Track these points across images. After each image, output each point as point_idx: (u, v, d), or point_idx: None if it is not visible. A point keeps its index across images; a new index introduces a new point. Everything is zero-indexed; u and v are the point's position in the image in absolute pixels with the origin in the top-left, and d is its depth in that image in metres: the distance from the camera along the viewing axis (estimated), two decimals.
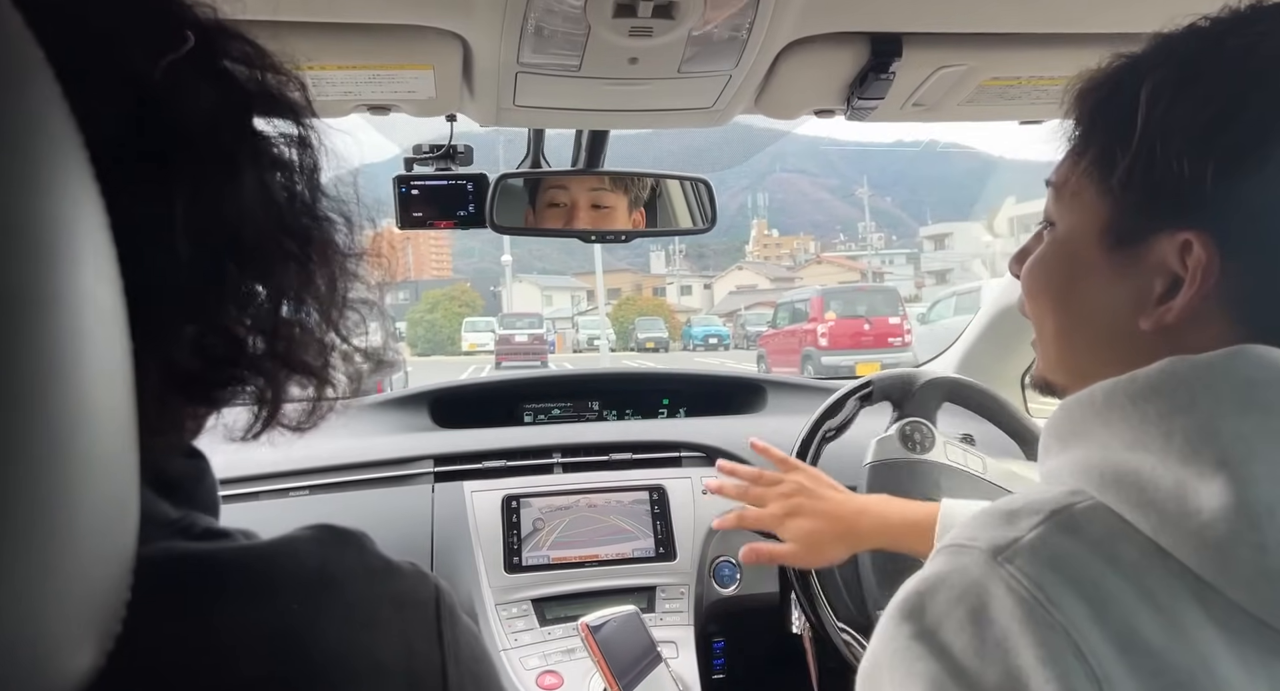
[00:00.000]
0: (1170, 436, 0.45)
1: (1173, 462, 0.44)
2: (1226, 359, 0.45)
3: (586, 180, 1.38)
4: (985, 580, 0.44)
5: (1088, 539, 0.45)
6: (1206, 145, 0.46)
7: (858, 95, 1.03)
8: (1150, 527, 0.44)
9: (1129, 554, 0.44)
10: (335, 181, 0.48)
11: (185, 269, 0.38)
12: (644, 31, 0.86)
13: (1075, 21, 0.93)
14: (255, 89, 0.44)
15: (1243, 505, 0.41)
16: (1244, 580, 0.41)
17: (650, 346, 31.29)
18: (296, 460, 1.46)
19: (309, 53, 0.91)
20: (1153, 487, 0.44)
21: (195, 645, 0.36)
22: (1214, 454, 0.43)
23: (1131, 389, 0.48)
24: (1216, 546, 0.41)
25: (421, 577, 0.44)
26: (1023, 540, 0.45)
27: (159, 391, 0.31)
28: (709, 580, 1.47)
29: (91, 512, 0.27)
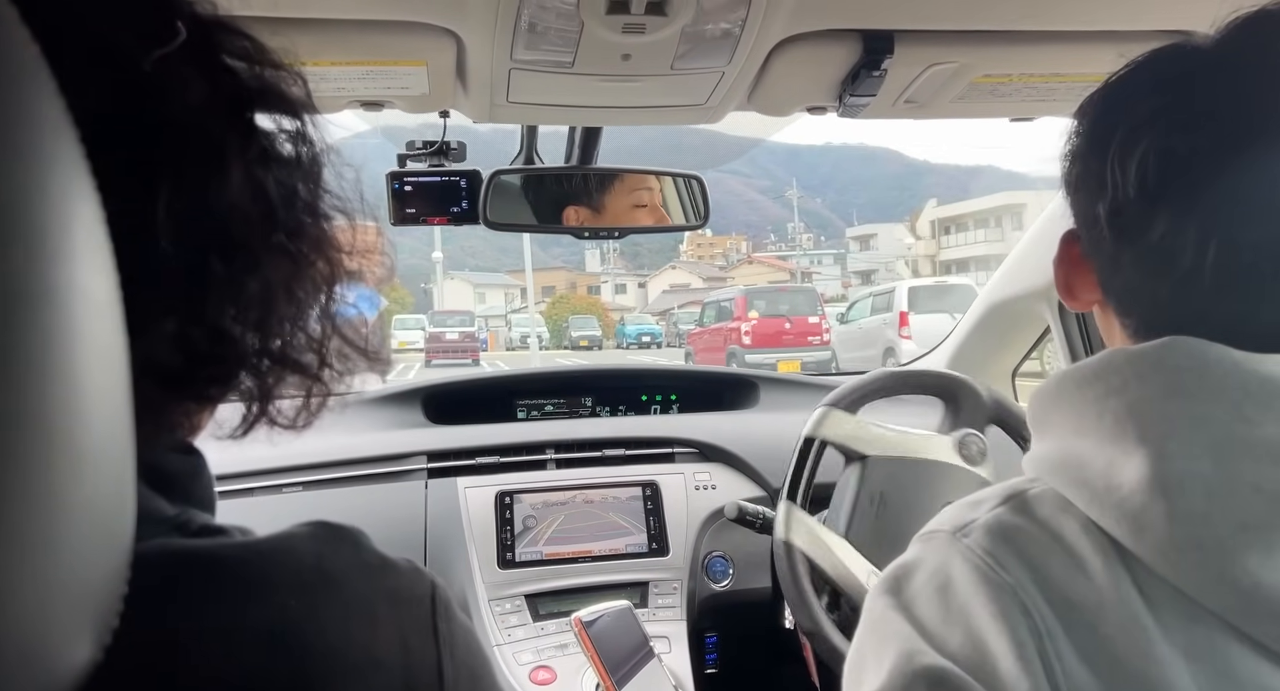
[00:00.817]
0: (1102, 417, 0.49)
1: (1104, 442, 0.48)
2: (1158, 349, 0.48)
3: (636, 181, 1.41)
4: (948, 556, 0.50)
5: (1035, 517, 0.50)
6: (1121, 159, 0.52)
7: (850, 92, 1.04)
8: (1083, 502, 0.48)
9: (1068, 527, 0.48)
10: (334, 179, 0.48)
11: (167, 262, 0.38)
12: (637, 28, 0.86)
13: (1066, 19, 0.94)
14: (255, 85, 0.44)
15: (1157, 477, 0.44)
16: (1158, 547, 0.44)
17: (584, 345, 31.07)
18: (290, 456, 1.46)
19: (303, 48, 0.90)
20: (1088, 467, 0.48)
21: (192, 641, 0.36)
22: (1137, 432, 0.46)
23: (1077, 376, 0.52)
24: (1134, 517, 0.45)
25: (417, 574, 0.44)
26: (979, 519, 0.51)
27: (141, 380, 0.31)
28: (702, 575, 1.48)
29: (88, 506, 0.27)
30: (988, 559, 0.48)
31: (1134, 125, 0.51)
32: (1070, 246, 0.58)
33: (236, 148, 0.42)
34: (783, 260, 61.19)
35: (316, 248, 0.47)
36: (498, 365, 7.73)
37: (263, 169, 0.44)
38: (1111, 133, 0.52)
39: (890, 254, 55.68)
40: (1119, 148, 0.51)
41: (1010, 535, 0.49)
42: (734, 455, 1.60)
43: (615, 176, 1.40)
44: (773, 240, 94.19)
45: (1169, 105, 0.50)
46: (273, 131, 0.46)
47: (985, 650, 0.45)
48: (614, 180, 1.41)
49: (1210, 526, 0.43)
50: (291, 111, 0.46)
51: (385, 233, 0.54)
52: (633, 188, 1.41)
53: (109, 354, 0.29)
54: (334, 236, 0.48)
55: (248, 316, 0.43)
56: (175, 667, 0.36)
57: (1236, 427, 0.45)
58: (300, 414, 0.49)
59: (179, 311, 0.40)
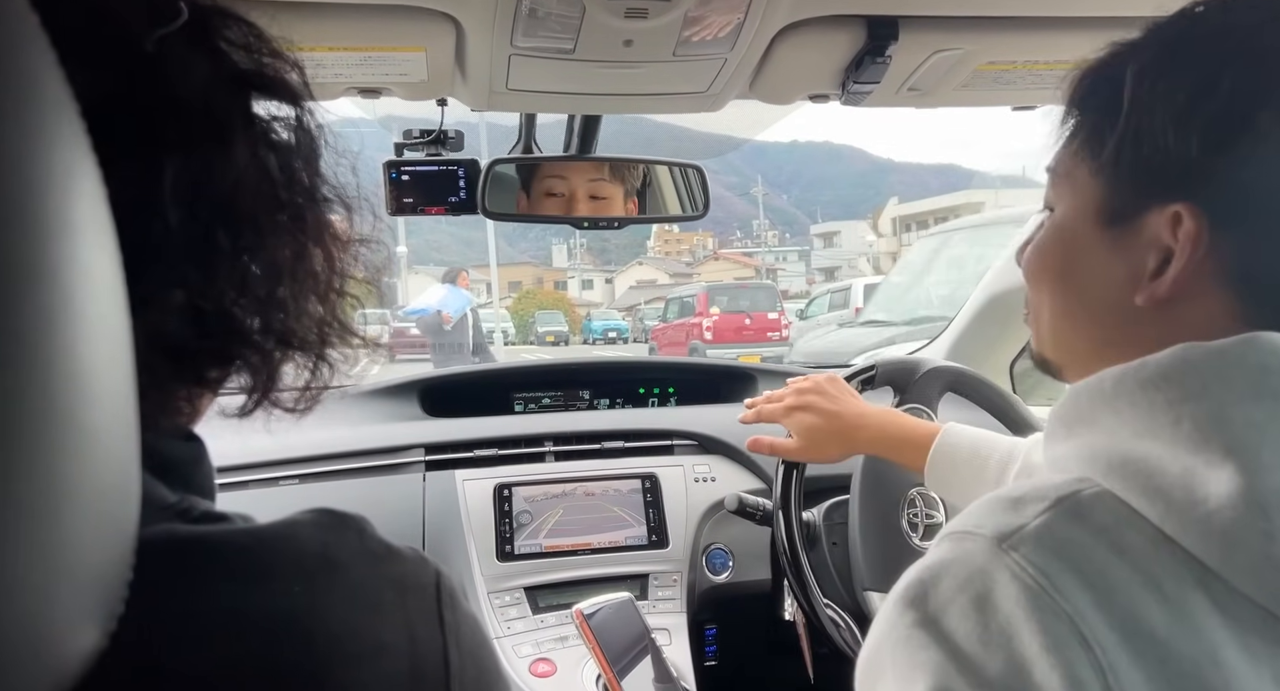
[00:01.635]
0: (1179, 423, 0.44)
1: (1181, 450, 0.44)
2: (1239, 346, 0.45)
3: (585, 170, 1.37)
4: (990, 567, 0.44)
5: (1093, 526, 0.44)
6: (1189, 118, 0.47)
7: (853, 79, 1.03)
8: (1157, 515, 0.43)
9: (1135, 541, 0.43)
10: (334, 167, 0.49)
11: (174, 235, 0.38)
12: (639, 13, 0.85)
13: (1072, 5, 0.93)
14: (253, 72, 0.45)
15: (1251, 492, 0.41)
16: (1250, 568, 0.41)
17: (550, 340, 30.96)
18: (286, 449, 1.45)
19: (301, 33, 0.89)
20: (1160, 474, 0.44)
21: (196, 628, 0.36)
22: (1224, 441, 0.42)
23: (1141, 375, 0.47)
24: (1223, 534, 0.41)
25: (422, 562, 0.44)
26: (1028, 527, 0.45)
27: (145, 357, 0.31)
28: (701, 567, 1.47)
29: (93, 489, 0.26)
30: (1041, 579, 0.42)
31: None
32: (1201, 220, 0.48)
33: (240, 127, 0.43)
34: (748, 257, 61.43)
35: (316, 231, 0.47)
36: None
37: (265, 149, 0.44)
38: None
39: (853, 251, 56.15)
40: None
41: (1066, 549, 0.44)
42: (733, 447, 1.59)
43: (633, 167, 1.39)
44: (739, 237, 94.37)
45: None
46: (271, 117, 0.46)
47: (1030, 681, 0.40)
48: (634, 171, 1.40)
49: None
50: (290, 98, 0.47)
51: (383, 220, 0.54)
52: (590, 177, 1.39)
53: (112, 334, 0.28)
54: (331, 222, 0.48)
55: (253, 293, 0.44)
56: (179, 654, 0.35)
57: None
58: (301, 398, 0.49)
59: (187, 284, 0.40)
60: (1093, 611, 0.41)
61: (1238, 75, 0.46)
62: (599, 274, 76.05)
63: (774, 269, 57.67)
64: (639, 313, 34.20)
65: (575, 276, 72.80)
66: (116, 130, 0.35)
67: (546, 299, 50.65)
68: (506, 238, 38.40)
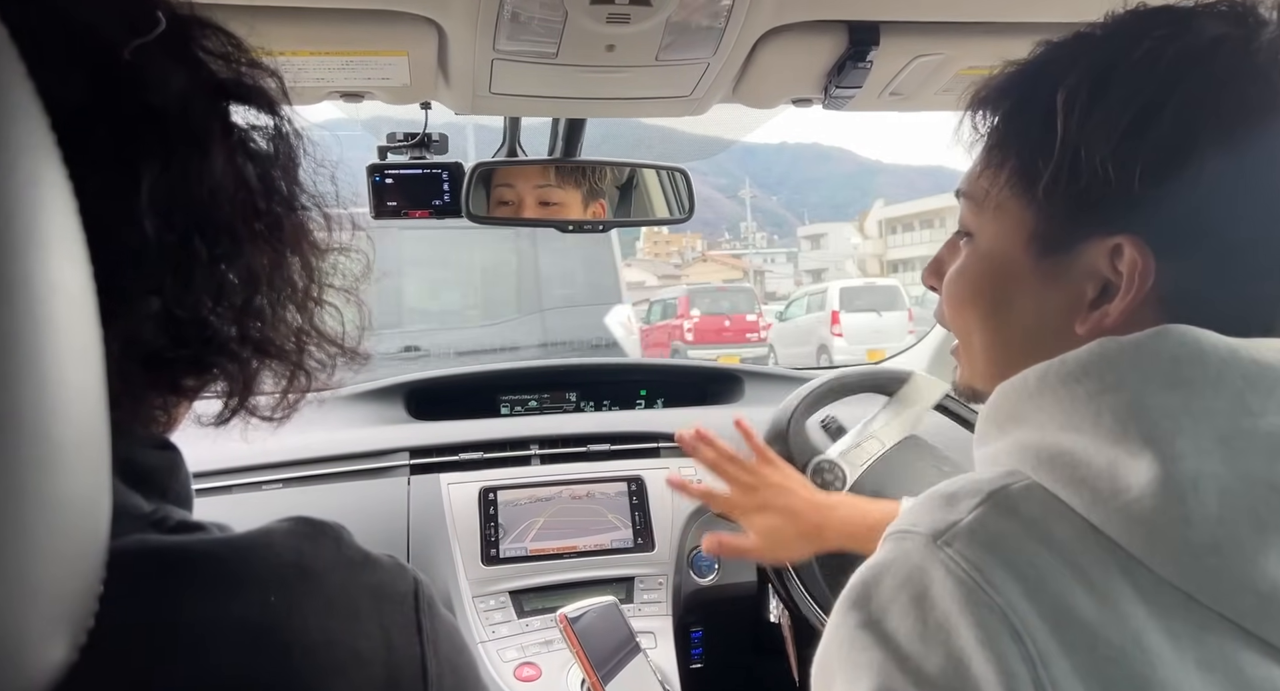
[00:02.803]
0: (1099, 415, 0.46)
1: (1103, 441, 0.45)
2: (1152, 338, 0.46)
3: (531, 176, 1.37)
4: (926, 564, 0.45)
5: (1023, 518, 0.46)
6: (1130, 149, 0.47)
7: (835, 84, 1.03)
8: (1083, 505, 0.45)
9: (1062, 532, 0.44)
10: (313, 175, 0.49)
11: (151, 243, 0.38)
12: (622, 18, 0.85)
13: (1050, 11, 0.94)
14: (231, 81, 0.45)
15: (1168, 480, 0.42)
16: (1170, 554, 0.42)
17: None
18: (270, 453, 1.44)
19: (282, 38, 0.89)
20: (1085, 466, 0.45)
21: (170, 639, 0.35)
22: (1141, 431, 0.44)
23: (1063, 371, 0.48)
24: (1144, 521, 0.42)
25: (400, 570, 0.44)
26: (961, 523, 0.46)
27: (120, 364, 0.31)
28: (687, 570, 1.48)
29: (62, 502, 0.26)
30: (975, 574, 0.43)
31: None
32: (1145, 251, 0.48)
33: (218, 136, 0.43)
34: (737, 258, 61.42)
35: (294, 240, 0.47)
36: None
37: (243, 158, 0.44)
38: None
39: (840, 253, 56.19)
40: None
41: (997, 542, 0.45)
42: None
43: (599, 169, 1.39)
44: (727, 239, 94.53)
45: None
46: (250, 126, 0.46)
47: (968, 676, 0.41)
48: (598, 173, 1.40)
49: (1227, 528, 0.41)
50: (268, 107, 0.47)
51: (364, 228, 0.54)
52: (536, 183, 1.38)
53: (82, 346, 0.28)
54: (311, 230, 0.48)
55: (230, 301, 0.44)
56: (153, 666, 0.35)
57: (1242, 421, 0.43)
58: (278, 406, 0.49)
59: (163, 292, 0.40)
60: (1023, 603, 0.42)
61: (1179, 104, 0.47)
62: None
63: (762, 270, 57.68)
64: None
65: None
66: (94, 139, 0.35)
67: None
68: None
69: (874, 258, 49.84)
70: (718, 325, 14.86)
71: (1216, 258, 0.48)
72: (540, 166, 1.37)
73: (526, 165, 1.37)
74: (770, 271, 58.89)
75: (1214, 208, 0.47)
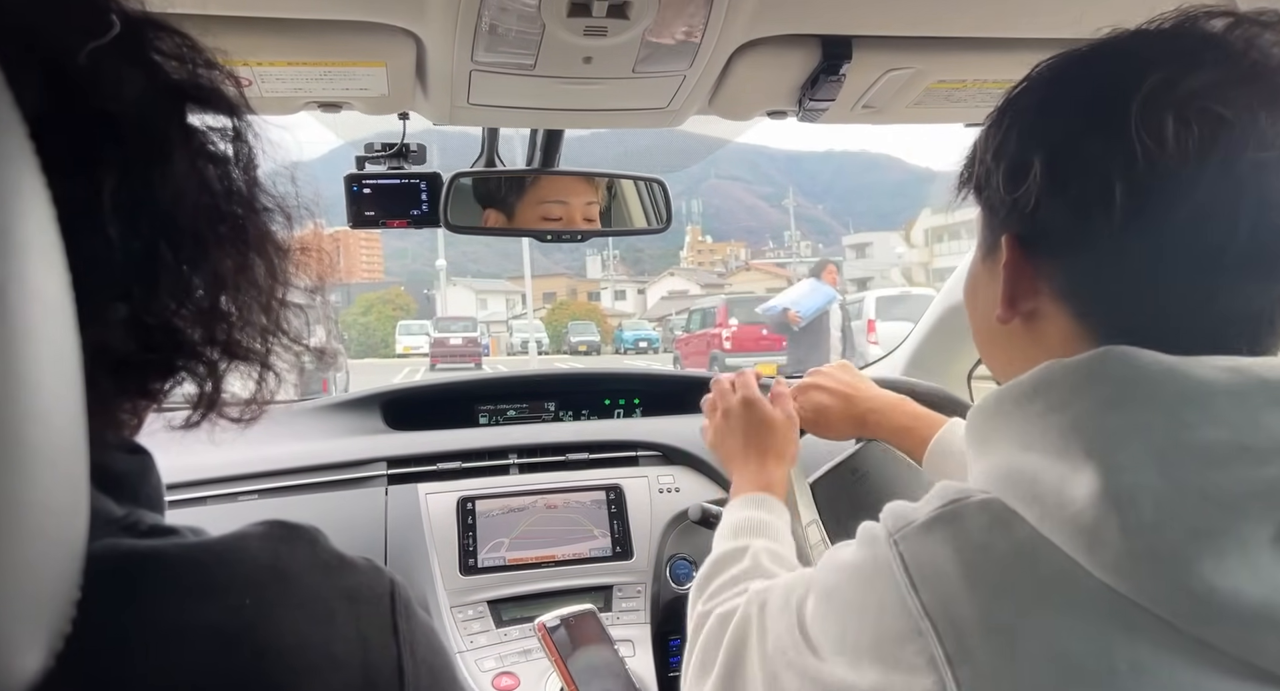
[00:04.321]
0: (1046, 433, 0.50)
1: (1052, 458, 0.49)
2: (1091, 360, 0.50)
3: (583, 192, 1.39)
4: (880, 555, 0.53)
5: (966, 527, 0.50)
6: (997, 166, 0.57)
7: (809, 97, 1.05)
8: (1035, 518, 0.48)
9: (1006, 544, 0.49)
10: (273, 176, 0.48)
11: (116, 248, 0.38)
12: (599, 31, 0.86)
13: (1019, 26, 0.96)
14: (188, 83, 0.44)
15: (1107, 491, 0.45)
16: (1111, 561, 0.45)
17: (583, 350, 32.35)
18: (246, 463, 1.43)
19: (259, 48, 0.89)
20: (1038, 482, 0.49)
21: (144, 644, 0.35)
22: (1082, 447, 0.47)
23: (1016, 393, 0.53)
24: (1086, 531, 0.45)
25: (376, 572, 0.44)
26: (913, 524, 0.52)
27: (89, 372, 0.31)
28: (666, 578, 1.48)
29: (40, 508, 0.26)
30: (911, 575, 0.50)
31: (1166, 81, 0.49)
32: (1015, 249, 0.57)
33: (178, 139, 0.43)
34: (780, 267, 61.75)
35: (258, 242, 0.47)
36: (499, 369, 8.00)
37: (204, 161, 0.44)
38: (1126, 96, 0.50)
39: (885, 262, 56.47)
40: (1143, 108, 0.49)
41: (935, 550, 0.50)
42: (697, 457, 1.60)
43: (577, 179, 1.40)
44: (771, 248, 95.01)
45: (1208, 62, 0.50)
46: (208, 128, 0.46)
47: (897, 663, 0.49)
48: (576, 183, 1.41)
49: (1162, 535, 0.44)
50: (227, 109, 0.46)
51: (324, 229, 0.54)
52: (594, 191, 1.41)
53: (60, 352, 0.28)
54: (274, 232, 0.48)
55: (197, 304, 0.43)
56: (127, 671, 0.35)
57: (1177, 434, 0.46)
58: (246, 409, 0.48)
59: (130, 298, 0.40)
60: (939, 607, 0.48)
61: (1020, 130, 0.56)
62: (632, 284, 76.88)
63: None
64: (669, 323, 34.80)
65: (608, 287, 73.60)
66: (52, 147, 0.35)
67: (579, 310, 51.71)
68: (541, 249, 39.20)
69: (920, 266, 49.93)
70: (755, 333, 15.17)
71: (1079, 253, 0.54)
72: (587, 182, 1.39)
73: (505, 175, 1.38)
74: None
75: (1059, 211, 0.54)
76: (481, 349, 25.76)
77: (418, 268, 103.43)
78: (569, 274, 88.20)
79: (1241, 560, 0.43)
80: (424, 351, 25.60)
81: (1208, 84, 0.49)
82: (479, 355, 24.49)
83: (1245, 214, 0.48)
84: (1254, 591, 0.42)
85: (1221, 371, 0.47)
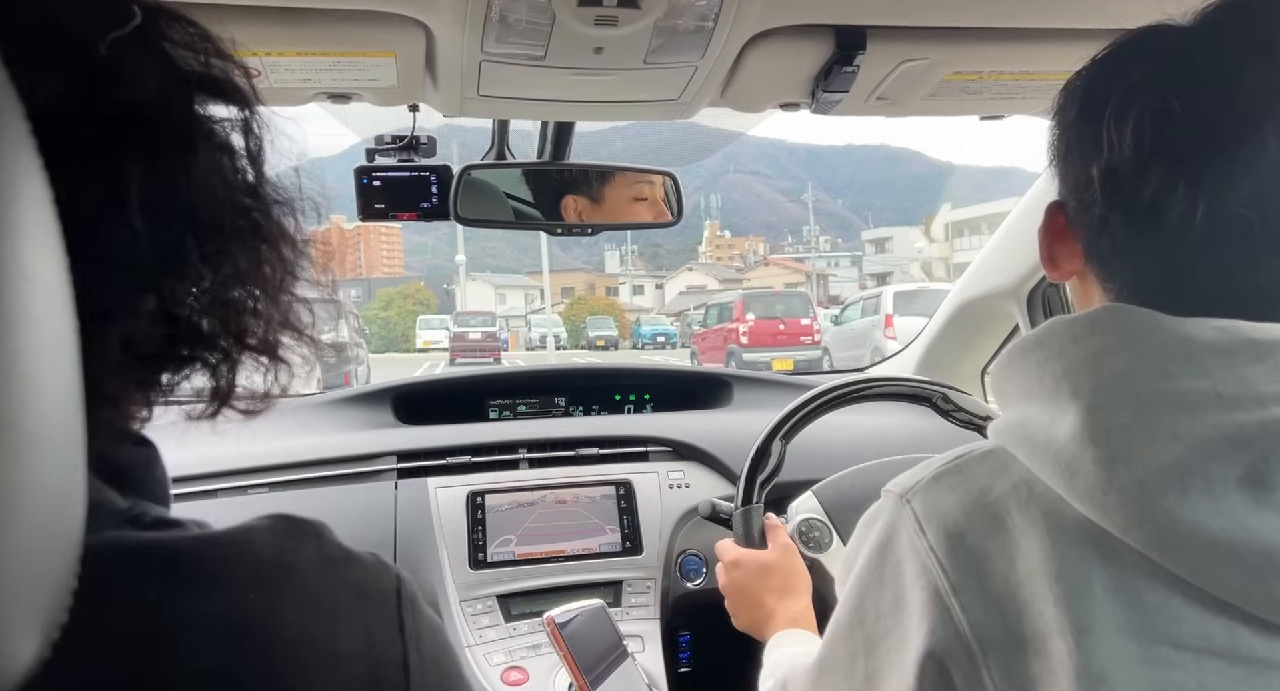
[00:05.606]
0: (1043, 379, 0.54)
1: (1045, 402, 0.53)
2: (1092, 316, 0.54)
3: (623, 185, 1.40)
4: (895, 517, 0.58)
5: (966, 477, 0.56)
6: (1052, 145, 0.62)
7: (822, 88, 1.04)
8: (1026, 457, 0.53)
9: (1000, 484, 0.54)
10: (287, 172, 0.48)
11: (144, 240, 0.38)
12: (609, 21, 0.86)
13: (1036, 17, 0.95)
14: (199, 73, 0.44)
15: (1086, 427, 0.49)
16: (1088, 492, 0.49)
17: (601, 345, 32.82)
18: (256, 456, 1.44)
19: (269, 38, 0.89)
20: (1032, 425, 0.53)
21: (146, 636, 0.35)
22: (1071, 389, 0.52)
23: (1023, 345, 0.57)
24: (1067, 463, 0.50)
25: (383, 567, 0.44)
26: (922, 480, 0.58)
27: (120, 363, 0.31)
28: (675, 574, 1.47)
29: (34, 496, 0.26)
30: (916, 524, 0.55)
31: (1129, 88, 0.54)
32: (1055, 216, 0.62)
33: (201, 131, 0.43)
34: (799, 262, 61.71)
35: (272, 234, 0.47)
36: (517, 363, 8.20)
37: (220, 153, 0.44)
38: (1105, 97, 0.55)
39: (905, 257, 56.41)
40: (1114, 110, 0.54)
41: (938, 500, 0.56)
42: (707, 453, 1.60)
43: (588, 172, 1.39)
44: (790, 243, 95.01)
45: (1163, 71, 0.54)
46: (223, 120, 0.46)
47: (906, 605, 0.54)
48: (587, 176, 1.40)
49: (1132, 469, 0.47)
50: (238, 99, 0.46)
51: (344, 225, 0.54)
52: (607, 183, 1.40)
53: (56, 338, 0.28)
54: (288, 226, 0.48)
55: (220, 296, 0.44)
56: (130, 663, 0.34)
57: (1158, 382, 0.49)
58: (257, 401, 0.48)
59: (159, 289, 0.40)
60: (944, 545, 0.53)
61: (1063, 115, 0.60)
62: (650, 280, 77.24)
63: (825, 274, 57.92)
64: (687, 318, 35.07)
65: (627, 282, 74.21)
66: (77, 139, 0.35)
67: (598, 305, 52.16)
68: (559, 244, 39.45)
69: (940, 261, 49.76)
70: (772, 329, 15.61)
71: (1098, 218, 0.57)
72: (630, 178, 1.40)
73: (516, 167, 1.37)
74: (834, 275, 59.23)
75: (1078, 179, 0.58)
76: (500, 344, 26.04)
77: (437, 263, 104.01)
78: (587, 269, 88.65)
79: (1206, 496, 0.46)
80: (444, 346, 25.98)
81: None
82: (498, 350, 24.78)
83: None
84: (1215, 526, 0.45)
85: (1212, 330, 0.50)
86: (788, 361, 14.07)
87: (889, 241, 62.55)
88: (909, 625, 0.54)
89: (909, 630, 0.54)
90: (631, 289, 72.51)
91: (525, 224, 1.42)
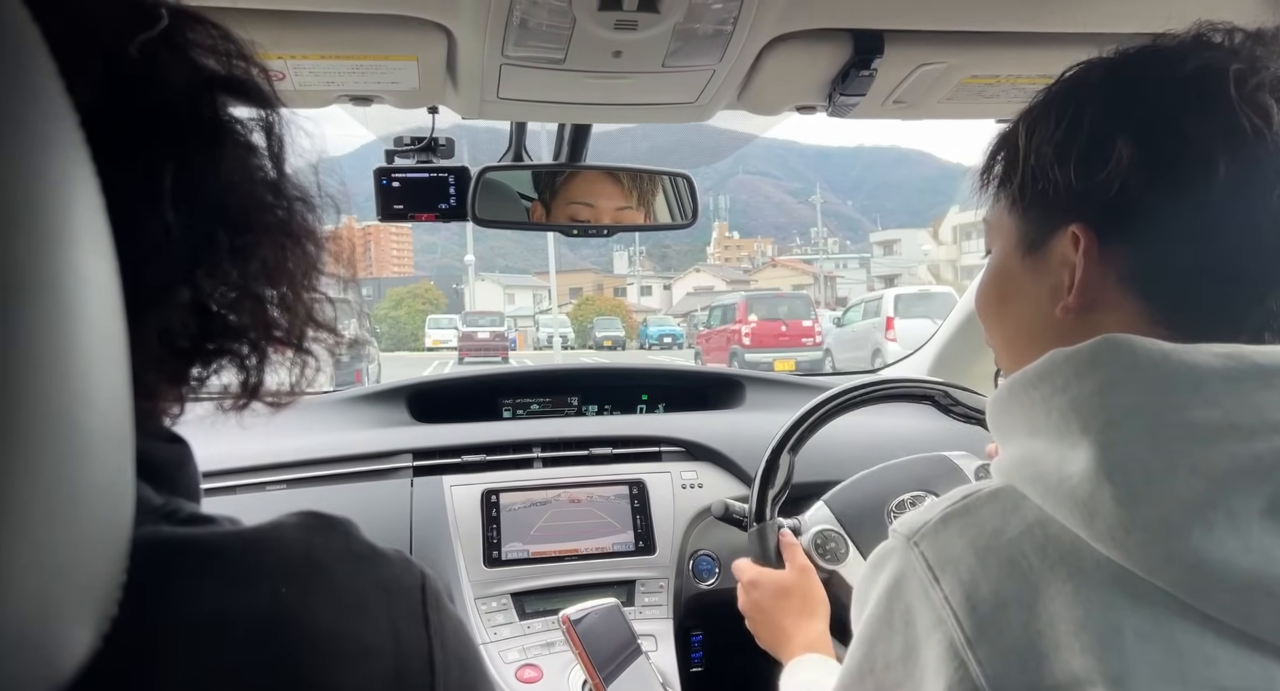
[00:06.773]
0: (1049, 415, 0.52)
1: (1053, 438, 0.51)
2: (1092, 348, 0.52)
3: (614, 196, 1.40)
4: (904, 562, 0.55)
5: (976, 519, 0.53)
6: (1064, 154, 0.56)
7: (840, 91, 1.04)
8: (1039, 496, 0.51)
9: (1013, 526, 0.51)
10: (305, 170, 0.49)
11: (177, 236, 0.39)
12: (629, 24, 0.86)
13: (1054, 21, 0.95)
14: (222, 74, 0.45)
15: (1102, 464, 0.47)
16: (1107, 532, 0.47)
17: (608, 345, 32.85)
18: (274, 454, 1.45)
19: (293, 42, 0.90)
20: (1042, 463, 0.51)
21: (183, 630, 0.36)
22: (1080, 425, 0.50)
23: (1024, 379, 0.55)
24: (1084, 503, 0.48)
25: (407, 564, 0.45)
26: (930, 523, 0.55)
27: (157, 356, 0.32)
28: (688, 574, 1.48)
29: (90, 491, 0.27)
30: (931, 570, 0.52)
31: (1253, 66, 0.52)
32: (1090, 236, 0.56)
33: (227, 130, 0.44)
34: (807, 264, 61.47)
35: (298, 230, 0.48)
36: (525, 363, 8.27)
37: (246, 151, 0.45)
38: (1221, 76, 0.52)
39: (912, 259, 56.10)
40: (1240, 87, 0.51)
41: (949, 540, 0.53)
42: (721, 454, 1.60)
43: (605, 174, 1.40)
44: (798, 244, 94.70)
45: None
46: (246, 120, 0.46)
47: (919, 656, 0.51)
48: (606, 185, 1.41)
49: (1154, 506, 0.46)
50: (260, 100, 0.47)
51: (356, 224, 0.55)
52: (621, 185, 1.41)
53: (108, 338, 0.29)
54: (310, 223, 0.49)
55: (250, 291, 0.44)
56: (166, 656, 0.35)
57: (1169, 414, 0.48)
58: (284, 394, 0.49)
59: (194, 283, 0.41)
60: (963, 590, 0.50)
61: (1093, 117, 0.56)
62: (658, 280, 77.15)
63: (833, 276, 57.80)
64: (694, 319, 34.93)
65: (634, 283, 74.24)
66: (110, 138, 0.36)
67: (605, 305, 52.15)
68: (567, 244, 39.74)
69: (947, 263, 49.45)
70: (775, 330, 15.68)
71: (1152, 237, 0.54)
72: (618, 185, 1.40)
73: (533, 169, 1.38)
74: (842, 277, 59.04)
75: (1137, 195, 0.54)
76: (509, 343, 26.16)
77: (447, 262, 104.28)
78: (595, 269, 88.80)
79: (1231, 531, 0.44)
80: (452, 345, 26.11)
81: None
82: (506, 349, 24.88)
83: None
84: (1244, 561, 0.44)
85: (1216, 357, 0.49)
86: (789, 362, 14.14)
87: (897, 243, 62.16)
88: (922, 678, 0.51)
89: (922, 684, 0.51)
90: (639, 289, 72.55)
91: (541, 225, 1.43)
